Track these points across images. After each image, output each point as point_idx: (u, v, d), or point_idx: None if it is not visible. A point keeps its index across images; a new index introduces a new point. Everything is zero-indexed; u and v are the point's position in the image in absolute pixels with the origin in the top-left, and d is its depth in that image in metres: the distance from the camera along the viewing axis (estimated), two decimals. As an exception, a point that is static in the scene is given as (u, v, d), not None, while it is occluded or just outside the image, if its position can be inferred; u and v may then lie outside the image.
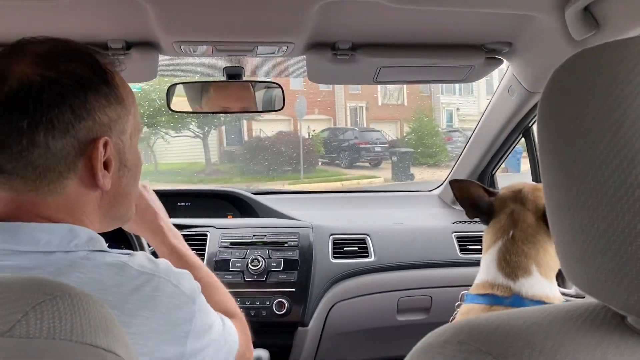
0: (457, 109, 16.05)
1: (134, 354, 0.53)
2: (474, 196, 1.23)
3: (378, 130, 14.59)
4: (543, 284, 1.07)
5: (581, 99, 0.44)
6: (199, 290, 0.74)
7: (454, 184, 1.26)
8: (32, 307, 0.46)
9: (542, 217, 1.11)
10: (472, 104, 16.02)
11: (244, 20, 1.20)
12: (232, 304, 1.01)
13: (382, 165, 13.41)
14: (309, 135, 14.29)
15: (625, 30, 1.09)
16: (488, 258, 1.14)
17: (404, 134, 15.82)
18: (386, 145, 14.08)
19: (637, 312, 0.43)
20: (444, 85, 14.45)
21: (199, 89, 1.60)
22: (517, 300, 1.04)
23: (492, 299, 1.06)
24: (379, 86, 12.88)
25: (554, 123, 0.47)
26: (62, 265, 0.64)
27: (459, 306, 1.22)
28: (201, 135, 12.88)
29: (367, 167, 13.36)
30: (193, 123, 12.36)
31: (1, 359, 0.43)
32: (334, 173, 12.80)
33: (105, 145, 0.69)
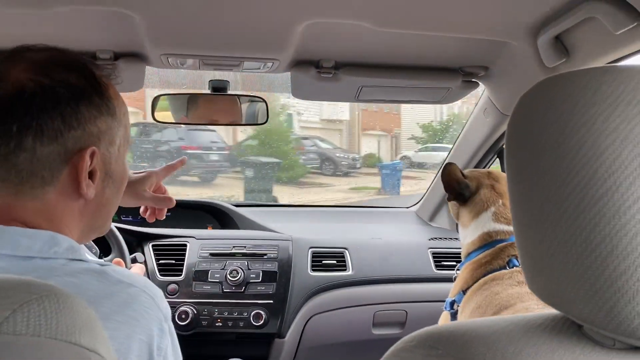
0: (299, 114, 11.92)
1: (114, 355, 0.54)
2: (459, 178, 1.44)
3: (214, 131, 9.02)
4: None
5: (545, 122, 0.48)
6: (170, 315, 0.74)
7: (448, 166, 1.45)
8: (20, 306, 0.48)
9: None
10: (315, 108, 11.65)
11: (231, 35, 1.23)
12: None
13: (217, 180, 9.39)
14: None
15: (593, 58, 1.15)
16: (482, 220, 1.39)
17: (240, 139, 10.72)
18: (225, 152, 9.90)
19: (591, 321, 0.46)
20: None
21: (184, 101, 1.62)
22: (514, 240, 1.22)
23: (497, 243, 1.33)
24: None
25: (521, 143, 0.51)
26: (40, 271, 0.64)
27: (457, 271, 1.45)
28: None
29: (194, 183, 8.95)
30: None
31: None
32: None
33: (92, 155, 0.70)
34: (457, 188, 1.45)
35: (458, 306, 1.33)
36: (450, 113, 10.00)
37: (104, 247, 1.67)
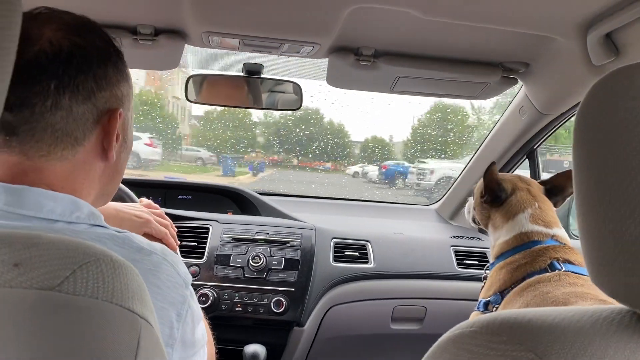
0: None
1: (158, 326, 0.54)
2: (498, 179, 1.45)
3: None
4: (565, 235, 1.37)
5: (619, 113, 0.47)
6: (191, 280, 0.74)
7: (491, 166, 1.44)
8: (79, 266, 0.48)
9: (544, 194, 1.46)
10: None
11: (275, 16, 1.22)
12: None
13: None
14: None
15: None
16: (518, 221, 1.39)
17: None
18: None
19: None
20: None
21: (217, 82, 1.62)
22: (552, 242, 1.32)
23: (534, 244, 1.33)
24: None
25: (591, 132, 0.49)
26: (67, 234, 0.64)
27: (487, 271, 1.45)
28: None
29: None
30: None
31: (48, 312, 0.45)
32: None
33: (119, 117, 0.71)
34: (497, 190, 1.44)
35: (494, 307, 1.30)
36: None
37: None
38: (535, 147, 1.90)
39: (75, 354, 0.44)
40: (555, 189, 1.47)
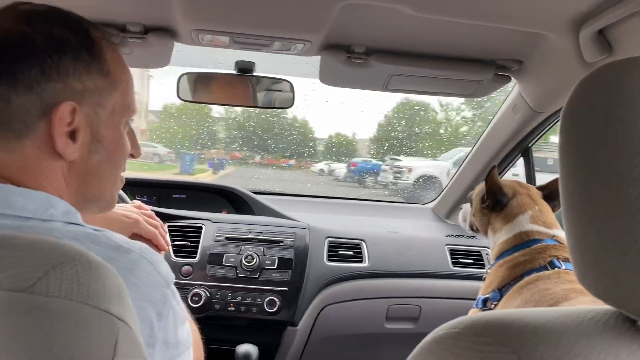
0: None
1: (138, 327, 0.53)
2: (500, 184, 1.47)
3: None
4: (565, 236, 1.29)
5: (606, 110, 0.46)
6: (173, 280, 0.72)
7: (493, 170, 1.47)
8: (53, 267, 0.47)
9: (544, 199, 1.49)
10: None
11: (265, 13, 1.21)
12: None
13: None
14: None
15: (637, 55, 1.11)
16: (518, 221, 1.41)
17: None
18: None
19: None
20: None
21: (209, 80, 1.60)
22: (552, 242, 1.34)
23: (534, 242, 1.34)
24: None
25: (578, 130, 0.49)
26: (40, 231, 0.62)
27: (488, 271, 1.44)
28: None
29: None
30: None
31: (20, 314, 0.44)
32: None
33: (73, 112, 0.67)
34: (498, 194, 1.45)
35: (493, 304, 1.31)
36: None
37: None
38: (530, 145, 1.89)
39: (48, 357, 0.43)
40: (552, 194, 1.48)
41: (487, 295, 1.34)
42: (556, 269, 1.23)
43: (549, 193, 1.49)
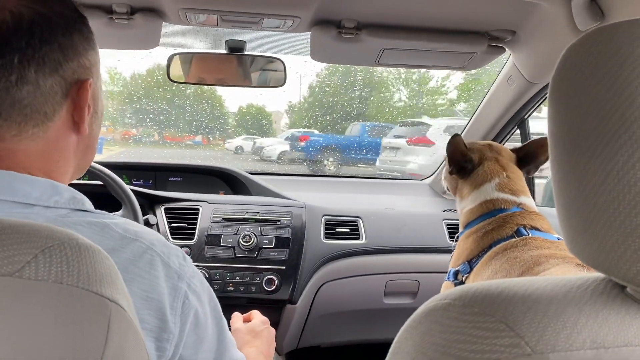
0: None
1: (133, 308, 0.53)
2: (463, 151, 1.42)
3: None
4: (533, 203, 1.36)
5: (594, 76, 0.45)
6: (192, 275, 0.70)
7: (454, 137, 1.41)
8: (42, 251, 0.46)
9: (516, 163, 1.43)
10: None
11: None
12: None
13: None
14: None
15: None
16: (484, 190, 1.37)
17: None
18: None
19: (637, 282, 0.44)
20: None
21: (199, 61, 1.59)
22: (519, 209, 1.31)
23: (500, 212, 1.31)
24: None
25: (565, 99, 0.48)
26: (39, 220, 0.61)
27: (455, 242, 1.44)
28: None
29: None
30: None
31: (9, 299, 0.43)
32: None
33: (88, 88, 0.68)
34: (461, 161, 1.41)
35: (463, 277, 1.29)
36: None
37: (114, 204, 1.66)
38: (525, 117, 1.88)
39: (39, 340, 0.43)
40: (528, 157, 1.43)
41: (457, 268, 1.32)
42: (523, 236, 1.22)
43: (524, 155, 1.44)
